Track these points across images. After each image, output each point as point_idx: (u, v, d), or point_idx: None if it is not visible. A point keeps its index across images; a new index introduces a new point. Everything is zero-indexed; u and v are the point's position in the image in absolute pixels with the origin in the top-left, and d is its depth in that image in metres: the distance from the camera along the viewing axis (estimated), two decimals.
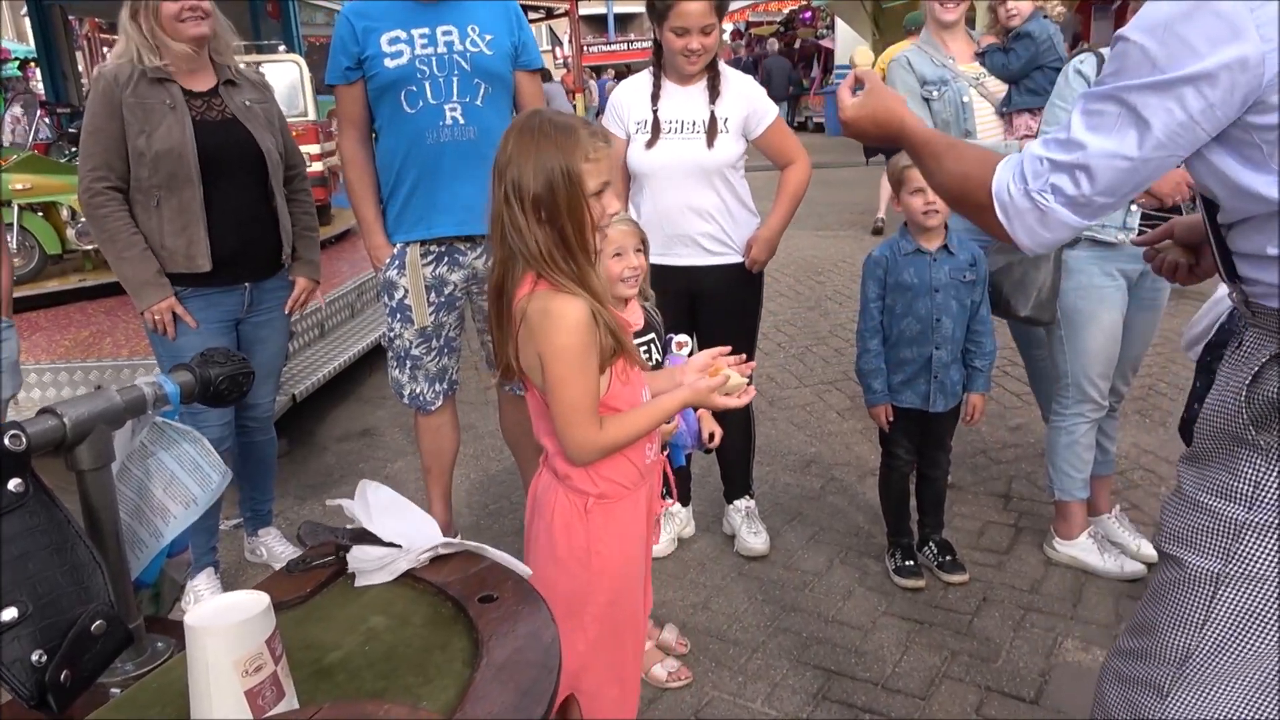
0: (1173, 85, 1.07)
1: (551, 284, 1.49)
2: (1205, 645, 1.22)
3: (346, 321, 4.82)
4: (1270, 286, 1.16)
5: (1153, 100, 1.08)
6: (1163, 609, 1.28)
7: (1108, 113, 1.13)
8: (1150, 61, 1.08)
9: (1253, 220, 1.15)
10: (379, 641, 0.98)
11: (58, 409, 0.99)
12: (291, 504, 3.56)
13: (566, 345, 1.47)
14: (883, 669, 2.41)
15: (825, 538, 3.11)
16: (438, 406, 2.85)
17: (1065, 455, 2.77)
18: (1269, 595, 1.16)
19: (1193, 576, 1.23)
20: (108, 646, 0.94)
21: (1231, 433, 1.19)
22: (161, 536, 1.07)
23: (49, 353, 3.87)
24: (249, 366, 1.19)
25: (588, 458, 1.56)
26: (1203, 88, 1.06)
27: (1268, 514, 1.14)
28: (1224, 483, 1.20)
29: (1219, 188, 1.16)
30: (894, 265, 2.61)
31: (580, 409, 1.51)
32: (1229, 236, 1.21)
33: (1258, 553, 1.16)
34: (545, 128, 1.51)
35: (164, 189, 2.52)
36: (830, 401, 4.34)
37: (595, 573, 1.64)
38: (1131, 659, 1.33)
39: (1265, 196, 1.10)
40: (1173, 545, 1.28)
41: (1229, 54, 1.03)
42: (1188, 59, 1.05)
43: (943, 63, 3.05)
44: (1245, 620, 1.19)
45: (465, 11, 2.64)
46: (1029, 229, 1.20)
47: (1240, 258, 1.20)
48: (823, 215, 9.08)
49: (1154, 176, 1.16)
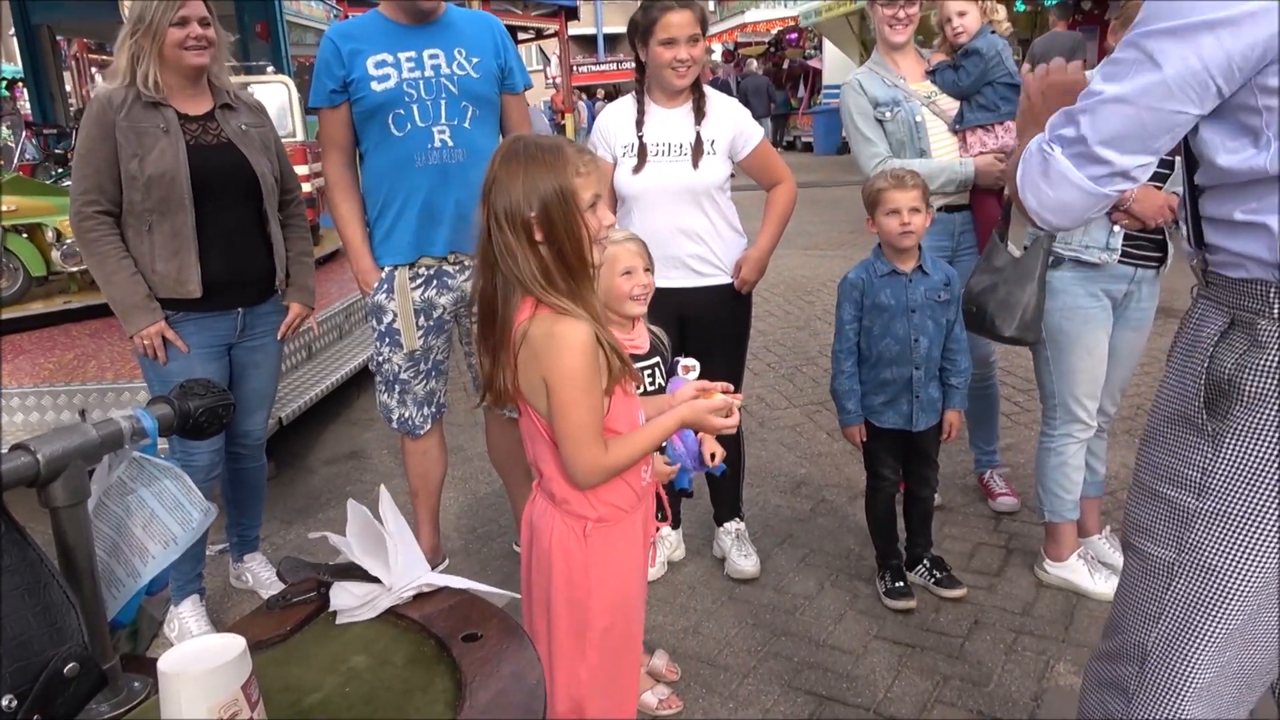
0: (1192, 30, 1.03)
1: (551, 307, 1.49)
2: (1160, 642, 1.20)
3: (335, 343, 4.79)
4: (1232, 255, 1.14)
5: (1169, 45, 1.05)
6: (1128, 604, 1.26)
7: (1124, 59, 1.10)
8: (1174, 6, 1.05)
9: (1226, 187, 1.14)
10: (359, 682, 0.96)
11: (31, 444, 0.97)
12: (278, 528, 3.52)
13: (573, 368, 1.47)
14: (875, 694, 2.39)
15: (816, 560, 3.09)
16: (426, 430, 2.83)
17: (1055, 476, 2.77)
18: (1220, 586, 1.14)
19: (1151, 568, 1.21)
20: (81, 689, 0.92)
21: (1183, 416, 1.17)
22: (139, 576, 1.05)
23: (33, 376, 3.82)
24: (229, 398, 1.17)
25: (594, 480, 1.56)
26: (1223, 36, 1.02)
27: (1217, 501, 1.12)
28: (1175, 469, 1.18)
29: (1204, 149, 1.14)
30: (870, 287, 2.62)
31: (588, 431, 1.51)
32: (1202, 201, 1.20)
33: (1207, 542, 1.14)
34: (531, 150, 1.52)
35: (156, 213, 2.50)
36: (820, 422, 4.34)
37: (596, 598, 1.64)
38: (1106, 660, 1.31)
39: (1248, 170, 1.08)
40: (1135, 535, 1.25)
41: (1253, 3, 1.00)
42: (1211, 3, 1.02)
43: (894, 83, 3.07)
44: (1196, 612, 1.16)
45: (451, 34, 2.64)
46: (1034, 183, 1.16)
47: (1209, 223, 1.19)
48: (812, 234, 9.11)
49: (1159, 135, 1.10)
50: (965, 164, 3.00)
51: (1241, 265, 1.13)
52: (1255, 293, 1.10)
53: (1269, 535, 1.10)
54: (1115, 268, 2.58)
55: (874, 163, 3.06)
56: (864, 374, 2.69)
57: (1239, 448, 1.11)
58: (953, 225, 3.10)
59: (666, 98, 2.73)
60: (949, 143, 3.08)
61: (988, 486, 3.42)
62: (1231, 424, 1.11)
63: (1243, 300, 1.12)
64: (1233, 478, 1.12)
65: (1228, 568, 1.13)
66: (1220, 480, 1.12)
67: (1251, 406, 1.09)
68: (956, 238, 3.12)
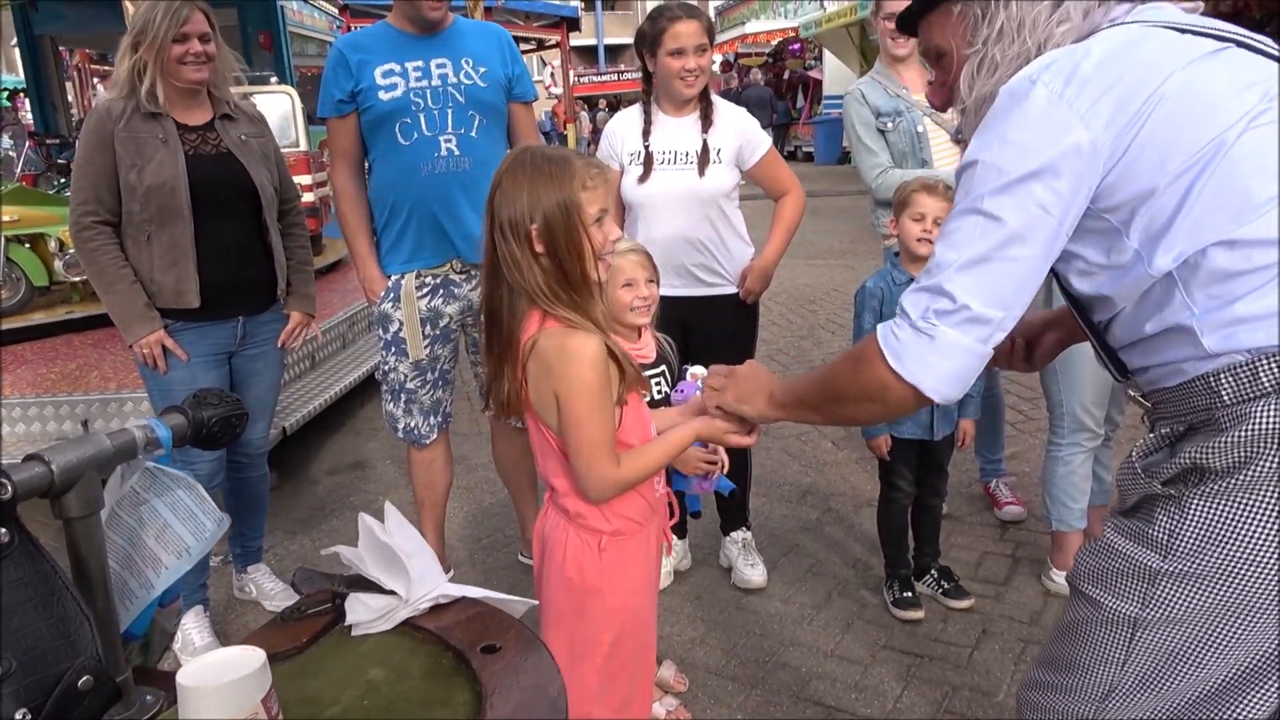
0: (1019, 183, 1.09)
1: (559, 320, 1.48)
2: (1128, 681, 1.18)
3: (338, 353, 4.78)
4: (1161, 366, 1.14)
5: (1003, 200, 1.10)
6: (1080, 646, 1.24)
7: (965, 226, 1.14)
8: (996, 169, 1.11)
9: (1122, 314, 1.16)
10: (378, 695, 0.95)
11: (45, 455, 0.96)
12: (281, 539, 3.51)
13: (585, 382, 1.45)
14: (884, 704, 2.38)
15: (822, 569, 3.08)
16: (432, 440, 2.82)
17: (1063, 485, 2.76)
18: (1191, 635, 1.13)
19: (1109, 617, 1.19)
20: (95, 703, 0.91)
21: (1145, 492, 1.17)
22: (152, 587, 1.04)
23: (35, 386, 3.81)
24: (242, 407, 1.16)
25: (607, 494, 1.54)
26: (1048, 180, 1.08)
27: (1183, 563, 1.11)
28: (1138, 529, 1.17)
29: (1082, 287, 1.18)
30: (889, 296, 2.60)
31: (600, 445, 1.49)
32: (1108, 336, 1.21)
33: (1175, 598, 1.13)
34: (537, 161, 1.50)
35: (155, 224, 2.49)
36: (825, 431, 4.32)
37: (610, 611, 1.62)
38: (1051, 692, 1.29)
39: (1133, 282, 1.11)
40: (1086, 584, 1.24)
41: (1065, 143, 1.07)
42: (1028, 157, 1.09)
43: (897, 93, 3.07)
44: (1169, 658, 1.15)
45: (459, 44, 2.64)
46: (923, 362, 1.15)
47: (1126, 350, 1.20)
48: (814, 244, 9.12)
49: (1030, 279, 1.13)
50: None
51: (1177, 370, 1.13)
52: (1197, 389, 1.10)
53: (1241, 594, 1.10)
54: None
55: (875, 173, 3.06)
56: None
57: (1207, 510, 1.10)
58: None
59: (674, 107, 2.73)
60: (951, 153, 3.08)
61: (993, 495, 3.41)
62: (1200, 489, 1.11)
63: (1191, 401, 1.12)
64: (1200, 540, 1.10)
65: (1199, 622, 1.12)
66: (1186, 542, 1.11)
67: (1219, 476, 1.08)
68: None
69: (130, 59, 2.47)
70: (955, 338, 1.13)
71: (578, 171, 1.48)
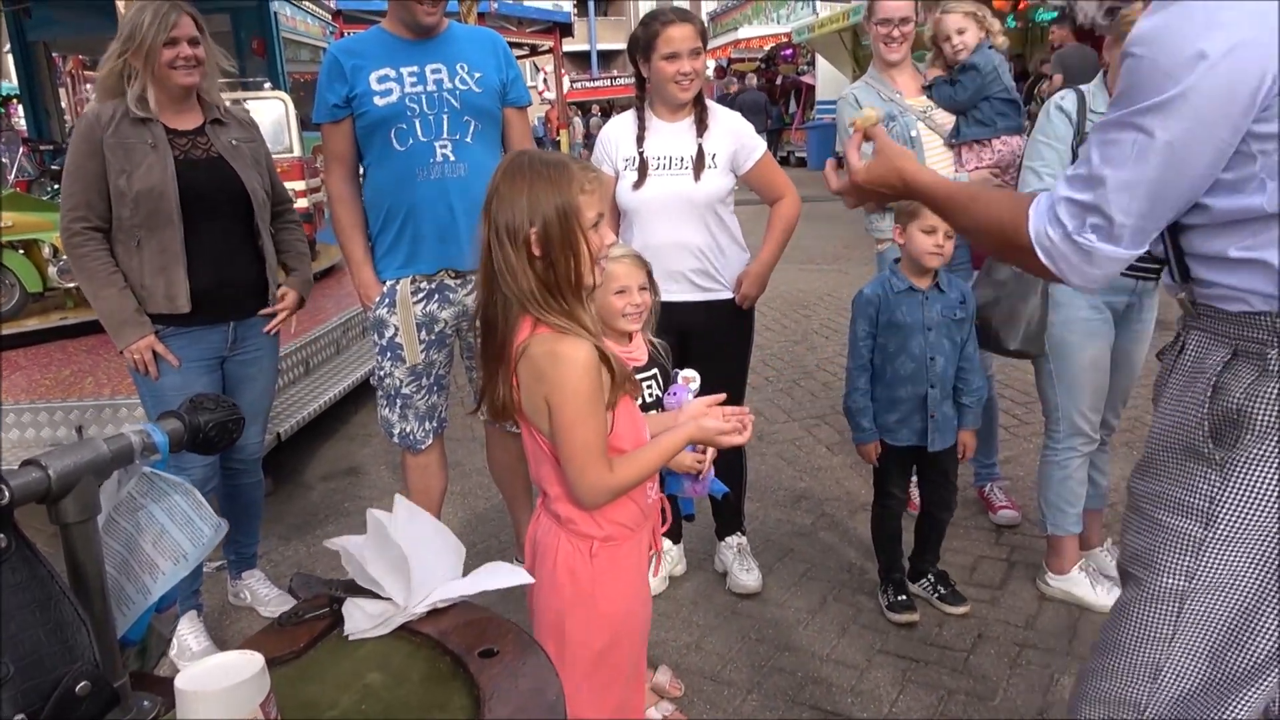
0: (1178, 100, 1.05)
1: (550, 326, 1.47)
2: (1176, 656, 1.21)
3: (332, 358, 4.78)
4: (1228, 289, 1.14)
5: (1162, 119, 1.06)
6: (1128, 627, 1.26)
7: (1123, 140, 1.11)
8: (1157, 73, 1.06)
9: (1214, 225, 1.14)
10: (376, 700, 0.95)
11: (42, 460, 0.96)
12: (276, 544, 3.50)
13: (577, 388, 1.45)
14: (880, 708, 2.38)
15: (817, 574, 3.08)
16: (427, 445, 2.81)
17: (1059, 490, 2.77)
18: (1239, 601, 1.15)
19: (1155, 594, 1.22)
20: (93, 708, 0.91)
21: (1186, 446, 1.18)
22: (149, 594, 1.03)
23: (29, 392, 3.80)
24: (239, 412, 1.16)
25: (600, 500, 1.54)
26: (1206, 90, 1.03)
27: (1226, 529, 1.13)
28: (1179, 499, 1.18)
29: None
30: (886, 304, 2.60)
31: (592, 451, 1.49)
32: (1184, 238, 1.20)
33: (1220, 564, 1.15)
34: (535, 165, 1.50)
35: (145, 229, 2.49)
36: (819, 436, 4.33)
37: (602, 616, 1.62)
38: (1103, 678, 1.31)
39: (1241, 209, 1.09)
40: (1134, 565, 1.26)
41: (1228, 43, 1.02)
42: (1189, 67, 1.03)
43: (890, 97, 3.09)
44: (1217, 628, 1.17)
45: (454, 49, 2.64)
46: (1078, 270, 1.17)
47: (1195, 259, 1.19)
48: (807, 249, 9.13)
49: (1189, 194, 1.12)
50: (959, 179, 3.01)
51: (1241, 299, 1.13)
52: (1260, 324, 1.11)
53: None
54: (1117, 280, 2.58)
55: None
56: (877, 391, 2.65)
57: (1249, 476, 1.11)
58: None
59: (669, 112, 2.74)
60: (944, 157, 3.10)
61: (988, 500, 3.41)
62: (1240, 453, 1.12)
63: (1245, 332, 1.12)
64: (1243, 506, 1.12)
65: (1245, 586, 1.13)
66: (1230, 509, 1.13)
67: (1262, 436, 1.09)
68: None
69: (113, 63, 2.47)
70: (1110, 251, 1.14)
71: (575, 175, 1.49)
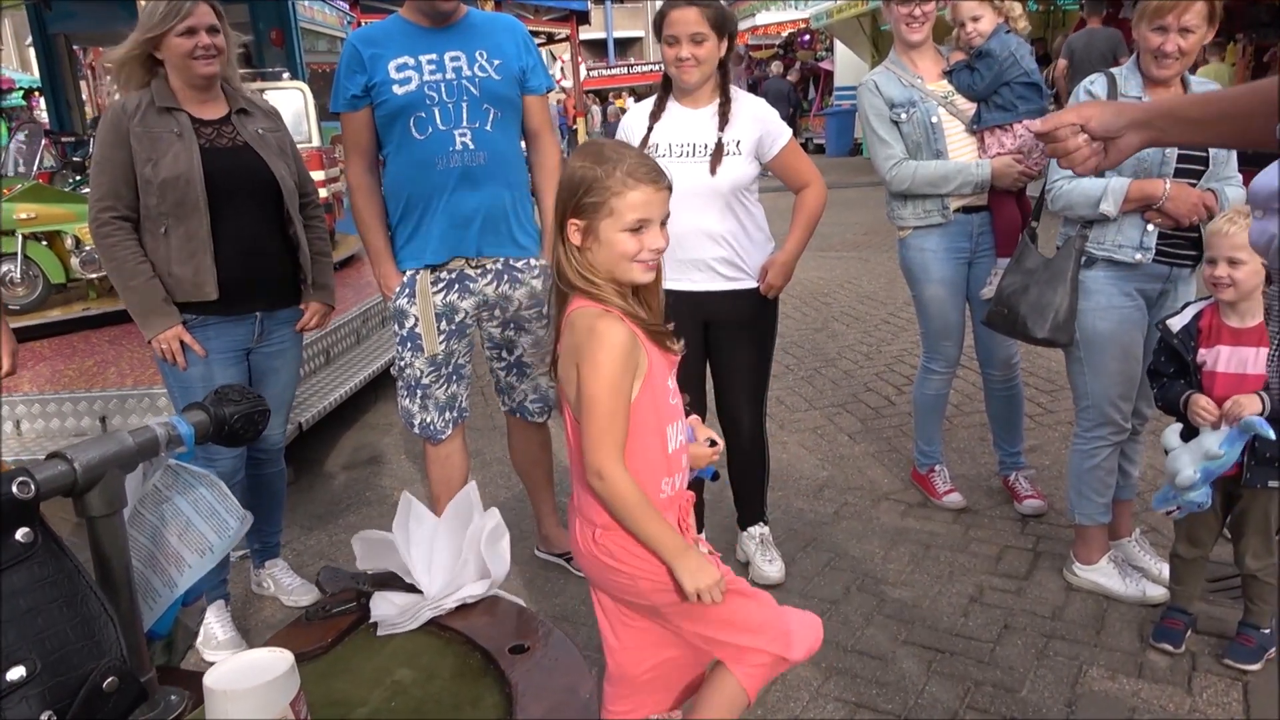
0: None
1: (592, 300, 1.56)
2: None
3: (352, 348, 4.79)
4: None
5: None
6: None
7: None
8: None
9: None
10: (406, 697, 0.94)
11: (67, 453, 0.95)
12: (298, 534, 3.51)
13: (607, 366, 1.51)
14: (905, 700, 2.36)
15: (841, 564, 3.05)
16: (448, 435, 2.81)
17: (1087, 479, 2.72)
18: None
19: None
20: (120, 704, 0.90)
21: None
22: (176, 586, 1.03)
23: (53, 383, 3.83)
24: (265, 404, 1.15)
25: (594, 480, 1.56)
26: None
27: None
28: None
29: None
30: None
31: (609, 432, 1.53)
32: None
33: None
34: (591, 149, 1.62)
35: (171, 217, 2.49)
36: (841, 424, 4.30)
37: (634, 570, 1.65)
38: None
39: None
40: None
41: None
42: None
43: (910, 82, 3.03)
44: None
45: (473, 36, 2.62)
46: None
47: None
48: (827, 236, 9.06)
49: None
50: (982, 165, 2.96)
51: None
52: None
53: None
54: (1150, 267, 2.54)
55: (890, 164, 3.03)
56: None
57: None
58: (970, 227, 3.07)
59: (688, 98, 2.70)
60: (966, 143, 3.04)
61: (1013, 489, 3.38)
62: None
63: None
64: None
65: None
66: None
67: None
68: (975, 239, 3.08)
69: (130, 50, 2.47)
70: None
71: (615, 172, 1.56)
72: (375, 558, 1.16)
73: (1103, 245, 2.56)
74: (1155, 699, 2.32)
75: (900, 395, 4.58)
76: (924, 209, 3.06)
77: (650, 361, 1.60)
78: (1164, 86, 2.46)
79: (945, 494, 3.38)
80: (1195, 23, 2.35)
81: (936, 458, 3.43)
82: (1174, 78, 2.46)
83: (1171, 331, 2.34)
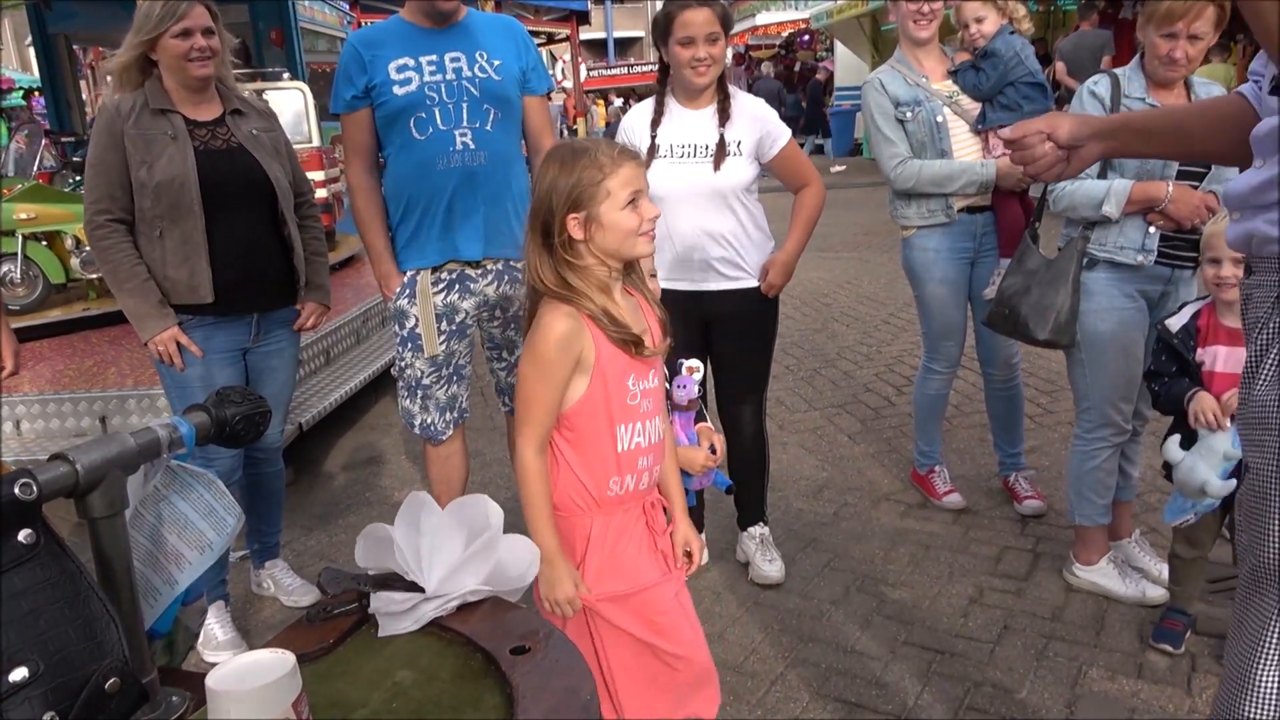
0: None
1: (553, 298, 1.63)
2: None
3: (352, 349, 4.79)
4: None
5: None
6: None
7: None
8: None
9: None
10: (407, 698, 0.94)
11: (69, 454, 0.95)
12: (298, 534, 3.51)
13: (541, 350, 1.60)
14: (905, 701, 2.36)
15: (840, 564, 3.06)
16: (448, 436, 2.81)
17: (1087, 481, 2.73)
18: None
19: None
20: (123, 705, 0.90)
21: None
22: (176, 584, 1.03)
23: (53, 383, 3.83)
24: (266, 405, 1.15)
25: (515, 460, 1.68)
26: None
27: None
28: None
29: None
30: None
31: (530, 411, 1.63)
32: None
33: None
34: (559, 151, 1.65)
35: (166, 220, 2.49)
36: (841, 425, 4.30)
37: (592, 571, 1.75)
38: None
39: None
40: None
41: None
42: None
43: (916, 82, 3.03)
44: None
45: (473, 37, 2.62)
46: None
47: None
48: (826, 236, 9.07)
49: None
50: (987, 165, 2.96)
51: None
52: None
53: None
54: (1152, 268, 2.54)
55: (894, 163, 3.03)
56: None
57: None
58: (974, 227, 3.07)
59: (689, 98, 2.70)
60: (971, 143, 3.05)
61: (1013, 490, 3.38)
62: None
63: None
64: None
65: None
66: None
67: None
68: (978, 239, 3.08)
69: (128, 53, 2.47)
70: None
71: (595, 157, 1.60)
72: (377, 555, 1.16)
73: (1105, 247, 2.56)
74: (1155, 700, 2.32)
75: (900, 396, 4.59)
76: (928, 208, 3.07)
77: (600, 357, 1.62)
78: (1168, 89, 2.47)
79: (945, 495, 3.38)
80: (1204, 29, 2.35)
81: (936, 458, 3.43)
82: (1179, 80, 2.46)
83: (1171, 332, 2.35)
